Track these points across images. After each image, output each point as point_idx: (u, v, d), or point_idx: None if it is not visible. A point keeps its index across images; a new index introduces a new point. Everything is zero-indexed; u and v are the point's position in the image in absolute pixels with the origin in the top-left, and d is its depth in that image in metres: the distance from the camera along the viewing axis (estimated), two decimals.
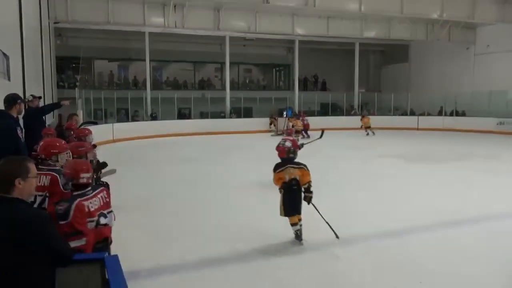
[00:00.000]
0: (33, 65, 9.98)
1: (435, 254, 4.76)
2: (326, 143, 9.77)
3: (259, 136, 18.94)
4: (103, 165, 4.18)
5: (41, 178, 3.31)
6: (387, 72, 28.76)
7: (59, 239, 2.12)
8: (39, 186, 3.26)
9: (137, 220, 6.14)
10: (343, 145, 15.38)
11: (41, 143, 3.68)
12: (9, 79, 6.54)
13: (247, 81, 28.25)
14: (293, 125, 19.91)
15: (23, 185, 1.98)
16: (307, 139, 12.75)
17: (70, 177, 2.98)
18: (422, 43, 24.22)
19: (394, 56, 27.75)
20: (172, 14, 18.25)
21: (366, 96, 25.91)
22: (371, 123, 19.28)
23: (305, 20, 20.69)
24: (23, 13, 8.02)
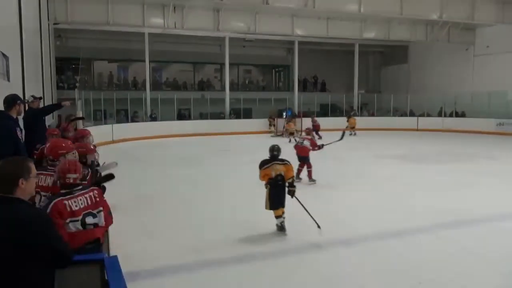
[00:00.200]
0: (32, 66, 9.97)
1: (434, 255, 4.76)
2: (325, 143, 9.79)
3: (258, 137, 18.94)
4: (109, 177, 4.13)
5: (46, 178, 3.37)
6: (387, 73, 28.77)
7: (60, 240, 2.13)
8: (44, 186, 3.33)
9: (137, 220, 6.14)
10: (343, 146, 15.33)
11: (47, 145, 3.69)
12: (9, 80, 6.53)
13: (247, 82, 28.23)
14: (286, 129, 19.18)
15: (25, 185, 2.00)
16: (319, 140, 12.81)
17: (57, 176, 3.01)
18: (421, 44, 24.23)
19: (393, 57, 27.77)
20: (171, 15, 18.24)
21: (365, 97, 25.91)
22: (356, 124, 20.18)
23: (304, 21, 20.68)
24: (22, 14, 8.00)
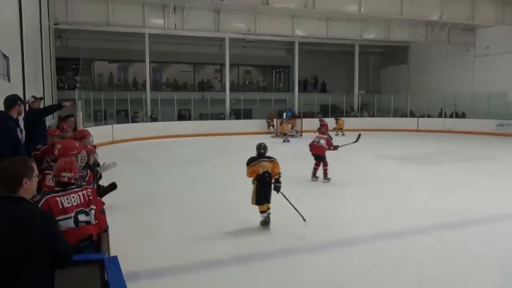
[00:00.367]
0: (33, 66, 9.97)
1: (434, 255, 4.76)
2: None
3: (259, 137, 18.81)
4: (112, 187, 4.15)
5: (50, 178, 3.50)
6: (387, 73, 28.77)
7: (61, 239, 2.16)
8: (50, 186, 3.45)
9: (137, 220, 6.14)
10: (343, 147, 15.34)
11: (58, 146, 3.69)
12: (9, 80, 6.53)
13: (247, 82, 28.24)
14: (293, 127, 19.93)
15: (28, 184, 2.05)
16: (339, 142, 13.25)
17: (53, 174, 3.07)
18: (421, 45, 24.25)
19: (393, 57, 27.77)
20: (172, 15, 18.25)
21: (365, 97, 25.90)
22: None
23: (304, 21, 20.68)
24: (23, 14, 8.01)
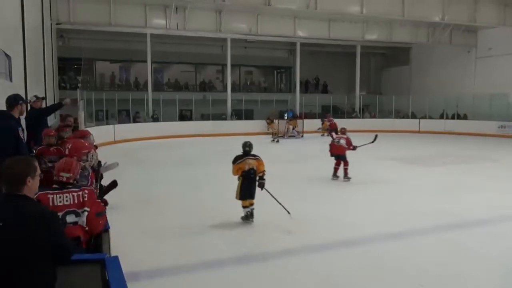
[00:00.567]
0: (35, 66, 9.99)
1: (435, 256, 4.76)
2: (327, 144, 9.81)
3: (260, 138, 18.90)
4: (113, 185, 4.15)
5: None
6: (388, 74, 28.75)
7: (64, 236, 2.21)
8: None
9: (138, 220, 6.15)
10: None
11: (69, 147, 3.70)
12: (11, 80, 6.55)
13: (248, 83, 28.25)
14: (294, 127, 20.08)
15: (32, 183, 2.09)
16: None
17: (54, 172, 3.07)
18: (423, 46, 24.20)
19: (395, 59, 27.74)
20: (173, 16, 18.27)
21: (367, 98, 25.86)
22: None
23: (306, 22, 20.69)
24: (25, 14, 8.02)
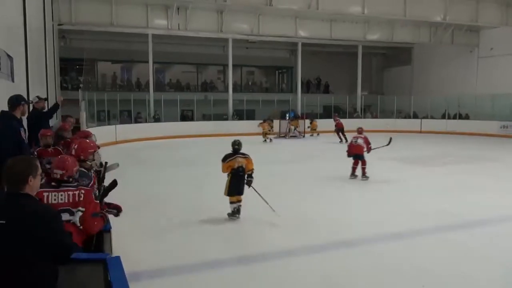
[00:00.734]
0: (36, 66, 10.02)
1: (435, 256, 4.75)
2: (327, 145, 9.80)
3: (260, 138, 18.91)
4: (113, 185, 4.17)
5: None
6: (390, 74, 28.72)
7: (65, 234, 2.24)
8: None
9: (139, 221, 6.15)
10: (344, 147, 15.32)
11: (75, 147, 3.70)
12: (13, 81, 6.56)
13: (250, 83, 28.26)
14: (295, 127, 20.08)
15: (33, 182, 2.12)
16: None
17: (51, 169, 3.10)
18: (425, 46, 24.19)
19: (397, 58, 27.72)
20: (175, 16, 18.31)
21: (368, 98, 25.84)
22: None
23: (308, 22, 20.70)
24: (27, 15, 8.04)
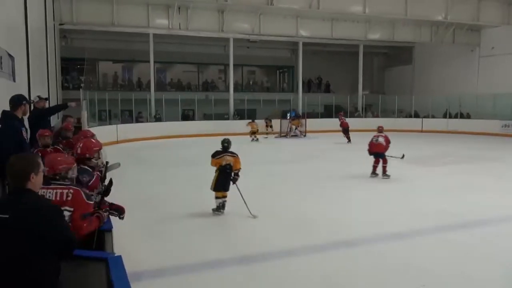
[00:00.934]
0: (38, 66, 10.02)
1: (436, 256, 4.74)
2: (329, 144, 9.80)
3: (261, 138, 18.93)
4: (110, 183, 4.21)
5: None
6: (391, 74, 28.70)
7: (67, 229, 2.26)
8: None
9: (141, 220, 6.15)
10: (346, 147, 15.38)
11: (81, 145, 3.70)
12: (14, 80, 6.56)
13: (251, 82, 28.27)
14: (296, 127, 20.07)
15: (35, 178, 2.15)
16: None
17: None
18: (426, 45, 24.16)
19: (398, 58, 27.70)
20: (176, 15, 18.31)
21: (370, 98, 25.83)
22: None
23: (309, 22, 20.68)
24: (28, 15, 8.04)
